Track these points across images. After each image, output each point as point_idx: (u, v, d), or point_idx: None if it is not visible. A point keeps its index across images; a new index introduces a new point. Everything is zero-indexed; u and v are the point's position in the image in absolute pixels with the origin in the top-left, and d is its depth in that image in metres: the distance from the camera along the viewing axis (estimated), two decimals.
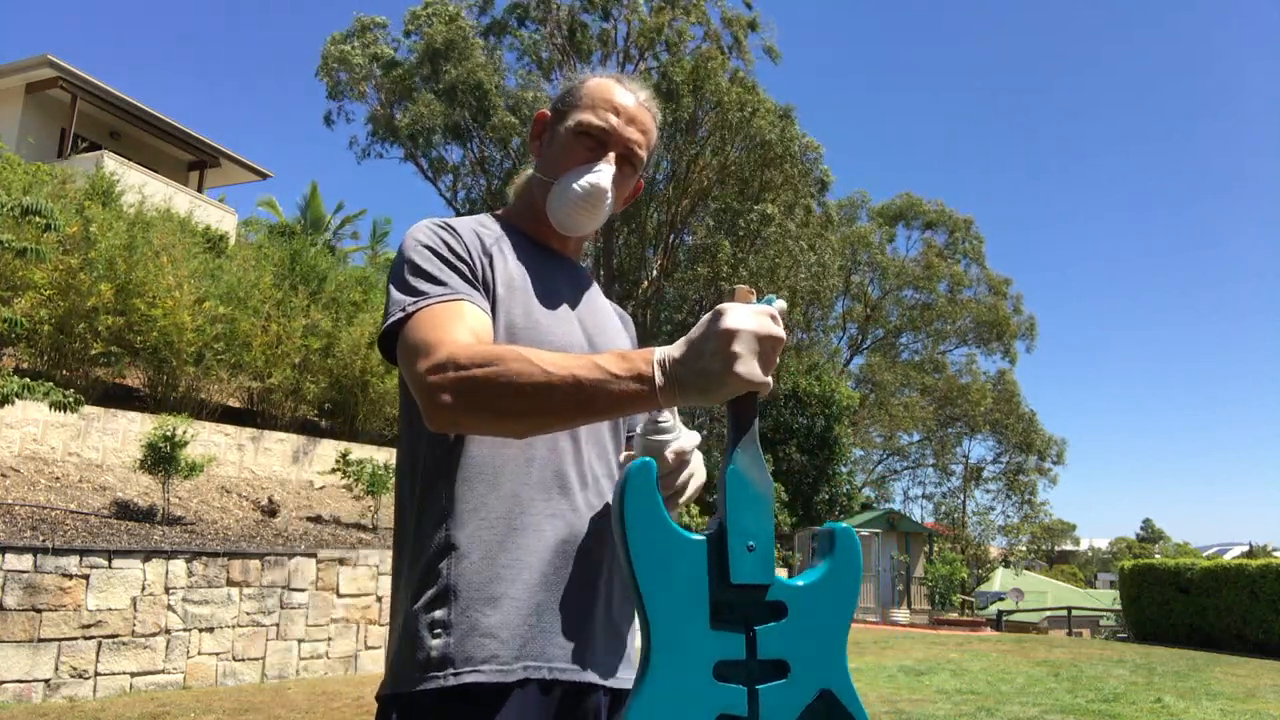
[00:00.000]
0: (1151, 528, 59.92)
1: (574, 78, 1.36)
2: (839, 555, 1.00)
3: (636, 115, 1.31)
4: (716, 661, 0.92)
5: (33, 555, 5.83)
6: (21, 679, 5.65)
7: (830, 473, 25.70)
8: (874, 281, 35.01)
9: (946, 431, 37.22)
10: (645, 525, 0.93)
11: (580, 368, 0.98)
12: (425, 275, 1.17)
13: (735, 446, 0.98)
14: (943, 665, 9.93)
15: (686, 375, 0.96)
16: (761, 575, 0.95)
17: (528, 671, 1.10)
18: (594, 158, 1.28)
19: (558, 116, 1.33)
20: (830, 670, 0.96)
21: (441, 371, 1.02)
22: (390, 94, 25.02)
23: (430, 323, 1.10)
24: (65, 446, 8.23)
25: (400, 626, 1.14)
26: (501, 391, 0.99)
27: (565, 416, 1.02)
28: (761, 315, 0.97)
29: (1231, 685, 8.73)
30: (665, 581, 0.92)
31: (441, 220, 1.26)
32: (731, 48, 25.15)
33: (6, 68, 17.31)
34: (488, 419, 1.03)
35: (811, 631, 0.96)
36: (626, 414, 1.01)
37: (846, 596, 1.00)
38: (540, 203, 1.32)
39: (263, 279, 10.97)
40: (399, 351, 1.13)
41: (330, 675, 7.34)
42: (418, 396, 1.06)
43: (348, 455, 9.97)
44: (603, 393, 0.97)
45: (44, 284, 8.66)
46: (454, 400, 1.01)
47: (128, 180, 14.56)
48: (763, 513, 0.97)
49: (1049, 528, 45.08)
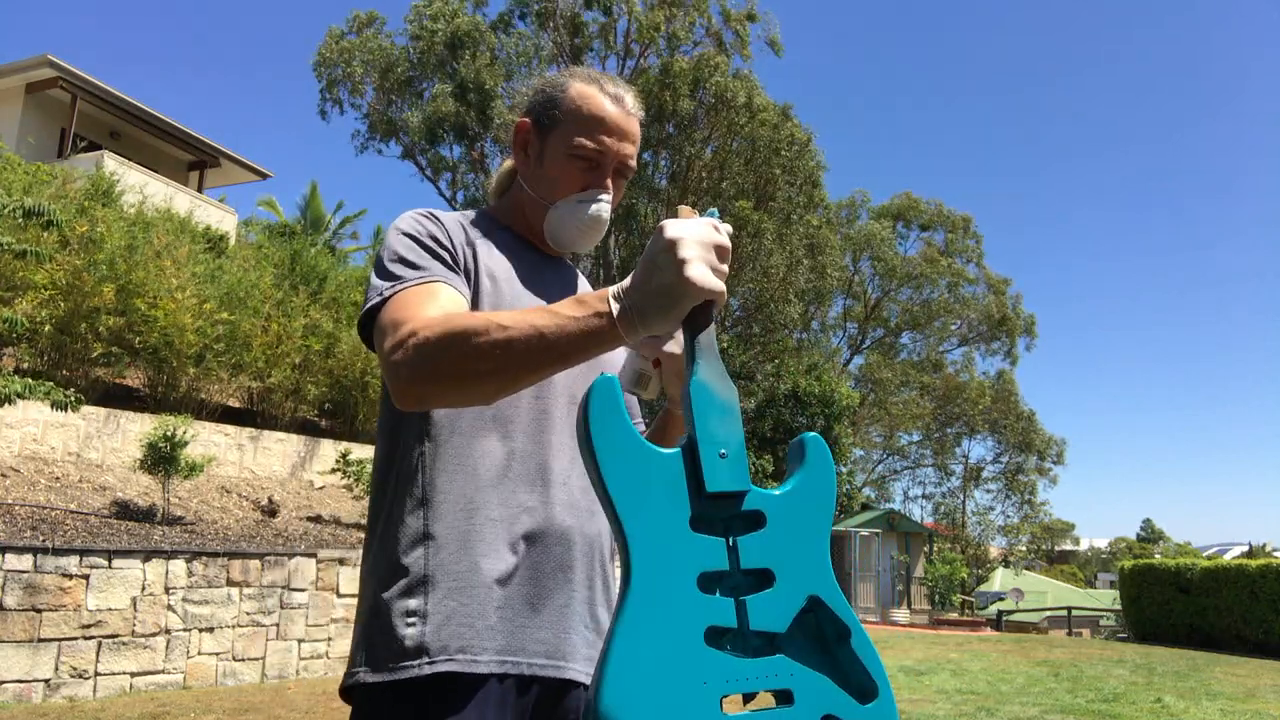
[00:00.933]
0: (1151, 528, 59.92)
1: (551, 82, 1.31)
2: (811, 463, 0.98)
3: (627, 127, 1.28)
4: (700, 573, 0.88)
5: (33, 555, 5.83)
6: (21, 679, 5.65)
7: None
8: (873, 281, 35.02)
9: (946, 431, 37.24)
10: (614, 439, 0.89)
11: (537, 316, 0.97)
12: (404, 261, 1.16)
13: (695, 359, 0.96)
14: (943, 665, 9.93)
15: (642, 298, 0.94)
16: (737, 482, 0.92)
17: (504, 666, 1.09)
18: (590, 181, 1.26)
19: (542, 128, 1.29)
20: (816, 577, 0.93)
21: (403, 345, 1.01)
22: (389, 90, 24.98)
23: (401, 304, 1.09)
24: (65, 446, 8.23)
25: (369, 614, 1.12)
26: (462, 353, 0.97)
27: (530, 368, 0.99)
28: (702, 224, 0.96)
29: (1231, 685, 8.74)
30: (640, 495, 0.89)
31: (427, 210, 1.25)
32: (733, 44, 25.12)
33: (6, 68, 17.31)
34: (452, 385, 1.00)
35: (793, 539, 0.94)
36: (592, 354, 0.99)
37: (823, 503, 0.98)
38: (528, 211, 1.31)
39: (263, 279, 10.97)
40: (374, 335, 1.11)
41: (330, 675, 7.34)
42: (386, 376, 1.05)
43: (348, 455, 9.97)
44: (563, 336, 0.95)
45: (45, 284, 8.66)
46: (415, 371, 0.99)
47: (128, 180, 14.56)
48: (731, 420, 0.95)
49: (1049, 528, 45.09)
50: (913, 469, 39.16)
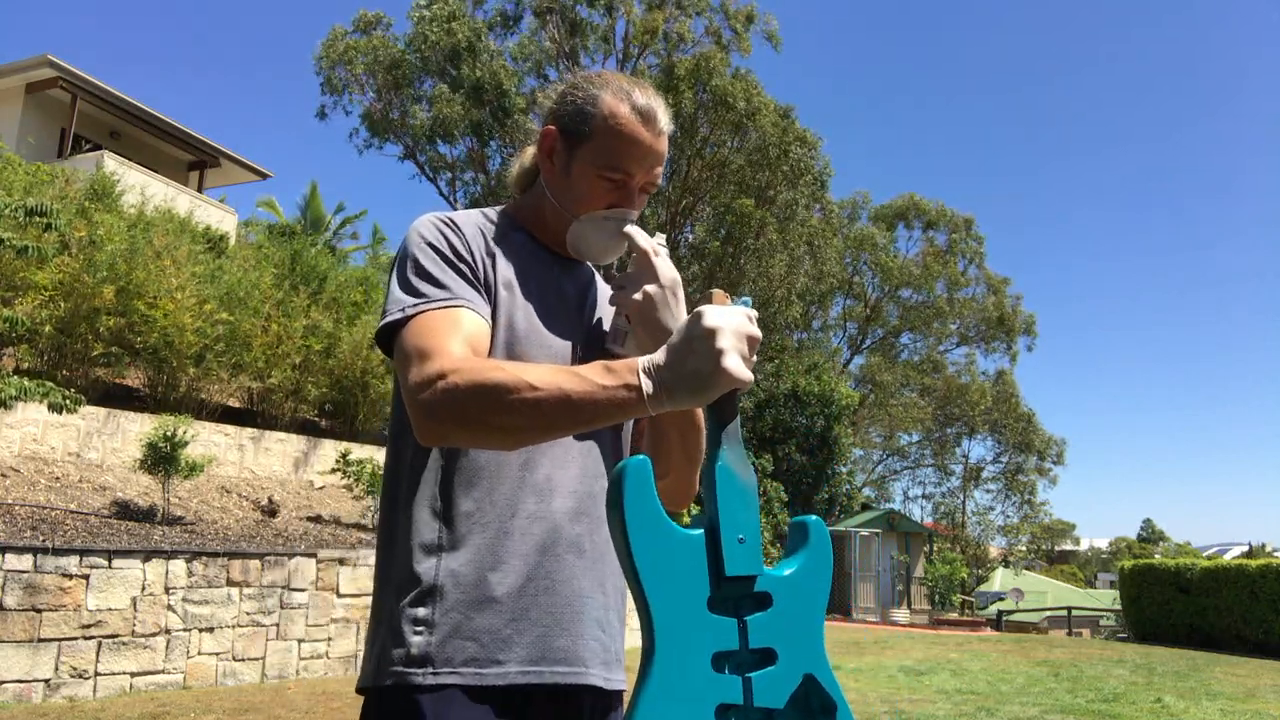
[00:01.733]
0: (1151, 528, 59.93)
1: (581, 90, 1.27)
2: (813, 546, 1.04)
3: (657, 149, 1.25)
4: (714, 652, 0.95)
5: (33, 555, 5.83)
6: (21, 679, 5.65)
7: (830, 473, 25.70)
8: (873, 281, 35.02)
9: (946, 431, 37.25)
10: (645, 521, 0.95)
11: (567, 381, 0.99)
12: (426, 276, 1.16)
13: (721, 444, 1.01)
14: (943, 665, 9.93)
15: (674, 379, 0.98)
16: (752, 566, 0.98)
17: (509, 678, 1.10)
18: (615, 199, 1.25)
19: (571, 139, 1.26)
20: (811, 655, 1.00)
21: (430, 386, 1.02)
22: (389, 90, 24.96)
23: (426, 330, 1.10)
24: (65, 446, 8.23)
25: (383, 621, 1.15)
26: (491, 408, 1.00)
27: (553, 430, 1.03)
28: (739, 314, 1.01)
29: (1231, 685, 8.74)
30: (666, 576, 0.95)
31: (446, 216, 1.25)
32: (731, 41, 25.09)
33: (6, 68, 17.31)
34: (477, 433, 1.04)
35: (794, 619, 1.00)
36: (615, 422, 1.02)
37: (822, 585, 1.04)
38: (550, 218, 1.30)
39: (263, 279, 10.97)
40: (395, 355, 1.13)
41: (330, 675, 7.34)
42: (409, 408, 1.06)
43: (348, 455, 9.97)
44: (590, 404, 0.99)
45: (46, 285, 8.66)
46: (441, 415, 1.02)
47: (128, 180, 14.56)
48: (750, 506, 1.00)
49: (1049, 528, 45.10)
50: (913, 469, 39.18)
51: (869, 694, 7.55)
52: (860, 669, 9.42)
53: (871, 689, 7.89)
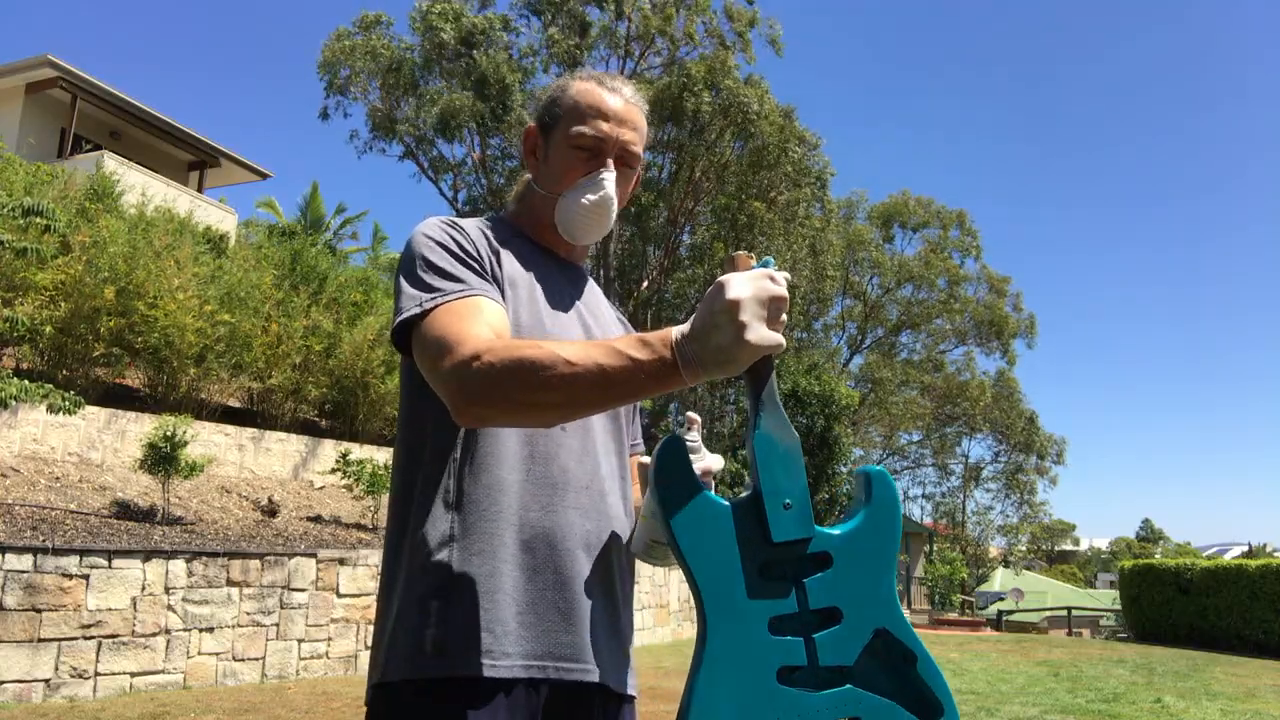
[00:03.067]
0: (1151, 528, 59.92)
1: (556, 86, 1.37)
2: (876, 499, 1.03)
3: (626, 115, 1.31)
4: (771, 617, 0.95)
5: (33, 555, 5.83)
6: (21, 679, 5.65)
7: (830, 472, 25.70)
8: (873, 280, 35.02)
9: (946, 431, 37.25)
10: (682, 496, 0.96)
11: (603, 355, 0.99)
12: (439, 271, 1.17)
13: (759, 410, 1.01)
14: (943, 665, 9.89)
15: (703, 352, 0.98)
16: (801, 530, 0.98)
17: (527, 671, 1.11)
18: (592, 167, 1.29)
19: (547, 129, 1.34)
20: (882, 610, 0.99)
21: (467, 368, 1.03)
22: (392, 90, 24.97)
23: (450, 319, 1.10)
24: (65, 446, 8.23)
25: (395, 615, 1.15)
26: (528, 384, 1.00)
27: (592, 404, 1.04)
28: (760, 279, 0.99)
29: (1231, 685, 8.74)
30: (710, 549, 0.95)
31: (449, 219, 1.26)
32: (734, 44, 25.12)
33: (6, 68, 17.31)
34: (516, 411, 1.04)
35: (858, 576, 0.99)
36: (651, 395, 1.02)
37: (888, 538, 1.02)
38: (542, 212, 1.34)
39: (263, 280, 10.97)
40: (417, 347, 1.13)
41: (330, 675, 7.34)
42: (444, 393, 1.06)
43: (348, 455, 9.96)
44: (627, 378, 0.99)
45: (47, 285, 8.66)
46: (479, 395, 1.02)
47: (128, 180, 14.56)
48: (794, 470, 1.00)
49: (1049, 527, 45.10)
50: (913, 469, 39.17)
51: None
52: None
53: None
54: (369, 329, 11.50)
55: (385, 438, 11.81)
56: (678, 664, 9.15)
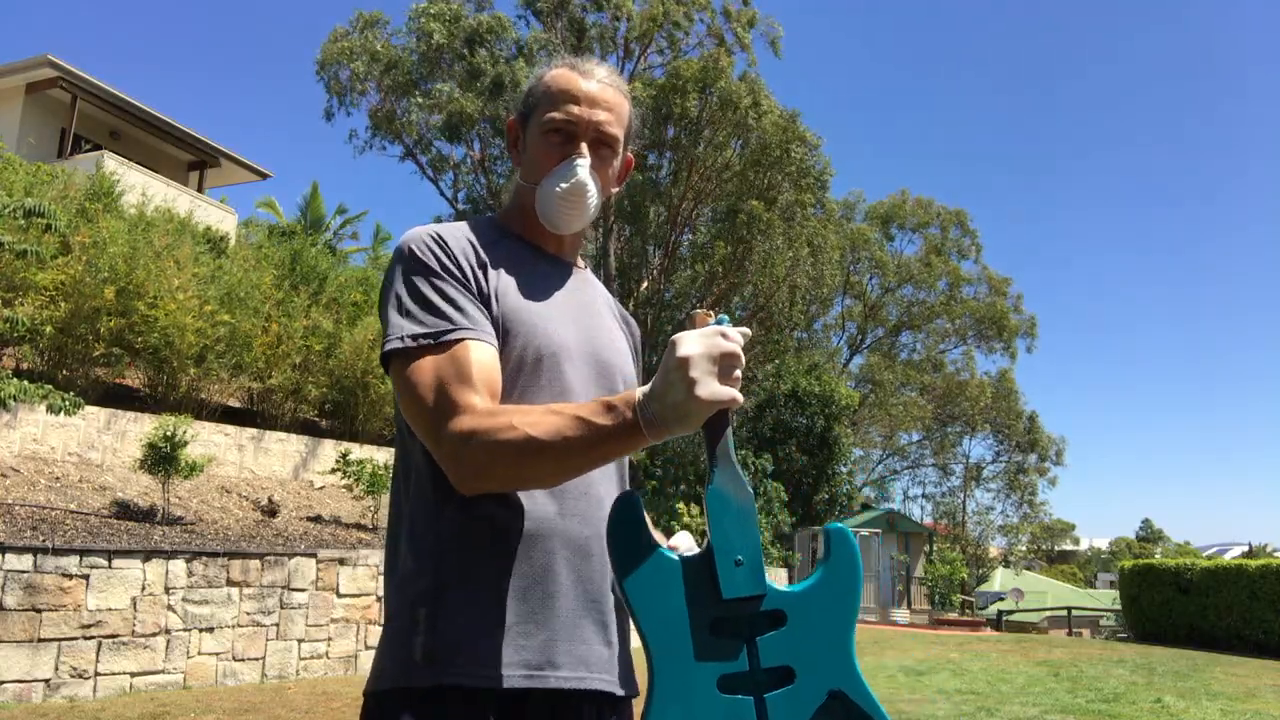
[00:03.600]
0: (1151, 528, 59.90)
1: (533, 75, 1.38)
2: (835, 556, 1.02)
3: (599, 96, 1.29)
4: (720, 675, 0.94)
5: (33, 555, 5.83)
6: (21, 679, 5.65)
7: (830, 473, 25.70)
8: (873, 280, 35.02)
9: (946, 431, 37.26)
10: (634, 552, 0.97)
11: (570, 428, 1.03)
12: (425, 303, 1.16)
13: (714, 466, 1.02)
14: (943, 665, 9.93)
15: (662, 410, 1.00)
16: (753, 587, 0.97)
17: (522, 681, 1.10)
18: (567, 152, 1.28)
19: (525, 119, 1.35)
20: (838, 671, 0.98)
21: (465, 445, 1.06)
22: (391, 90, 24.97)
23: (438, 375, 1.11)
24: (65, 446, 8.23)
25: (388, 621, 1.15)
26: (511, 466, 1.05)
27: (573, 471, 1.09)
28: (712, 336, 1.01)
29: (1231, 685, 8.74)
30: (660, 605, 0.95)
31: (434, 232, 1.24)
32: (734, 45, 25.11)
33: (6, 68, 17.31)
34: (505, 485, 1.11)
35: (813, 635, 0.98)
36: (625, 454, 1.09)
37: (847, 596, 1.01)
38: (529, 206, 1.32)
39: (263, 280, 10.97)
40: (404, 390, 1.14)
41: (330, 675, 7.35)
42: (441, 461, 1.10)
43: (348, 455, 9.97)
44: (596, 445, 1.03)
45: (48, 285, 8.66)
46: (475, 473, 1.06)
47: (128, 180, 14.56)
48: (746, 527, 0.99)
49: (1049, 527, 45.09)
50: (913, 469, 39.18)
51: None
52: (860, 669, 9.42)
53: (871, 689, 7.88)
54: (369, 329, 11.50)
55: (385, 438, 11.81)
56: None
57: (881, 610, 22.46)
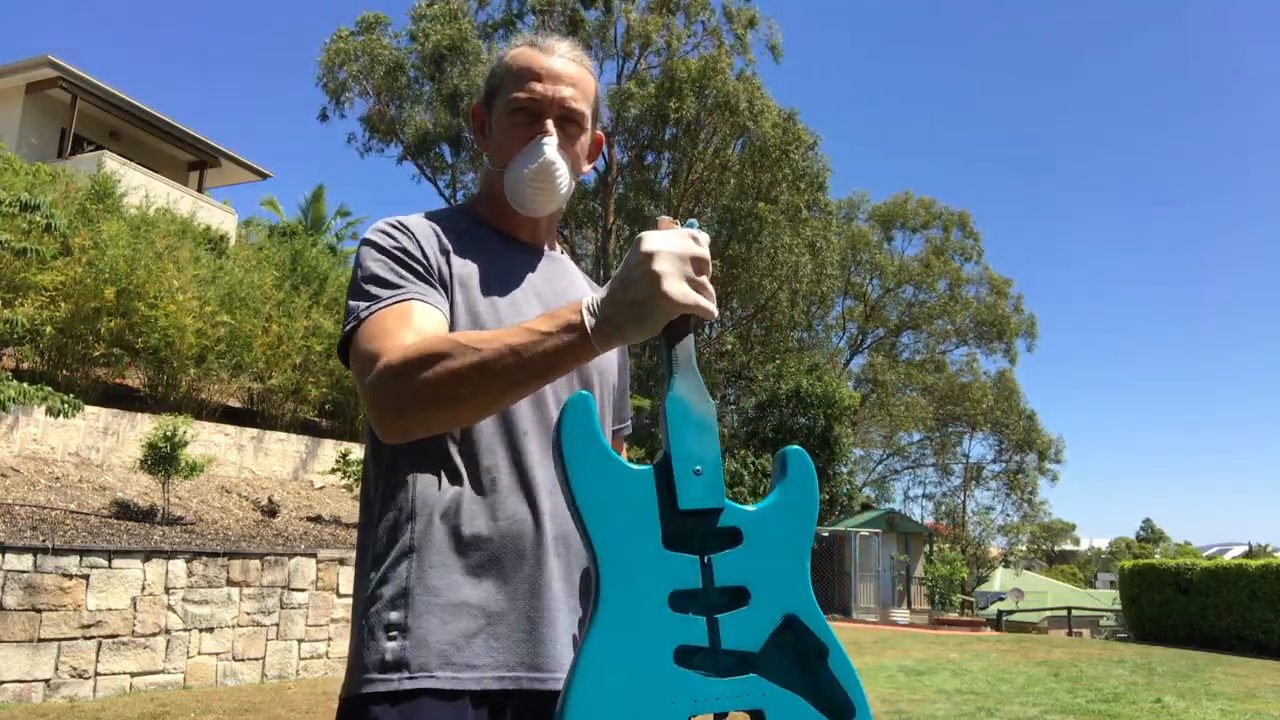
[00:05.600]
0: (1151, 528, 59.91)
1: (494, 58, 1.33)
2: (792, 478, 0.97)
3: (561, 72, 1.25)
4: (671, 591, 0.88)
5: (33, 555, 5.84)
6: (21, 679, 5.65)
7: (831, 472, 25.69)
8: (873, 281, 35.01)
9: (947, 431, 37.25)
10: (586, 455, 0.89)
11: (510, 335, 0.97)
12: (377, 279, 1.14)
13: (674, 373, 0.95)
14: (943, 665, 9.93)
15: (617, 310, 0.94)
16: (711, 499, 0.91)
17: (497, 683, 1.07)
18: (533, 132, 1.23)
19: (489, 102, 1.30)
20: (793, 595, 0.93)
21: (379, 381, 1.01)
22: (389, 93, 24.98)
23: (374, 331, 1.07)
24: (65, 446, 8.23)
25: (356, 626, 1.12)
26: (436, 379, 0.97)
27: (508, 388, 0.98)
28: (682, 235, 0.95)
29: (1231, 685, 8.74)
30: (611, 511, 0.88)
31: (395, 220, 1.22)
32: (734, 47, 25.10)
33: (6, 68, 17.32)
34: (433, 413, 1.00)
35: (770, 556, 0.93)
36: (569, 368, 0.98)
37: (804, 518, 0.96)
38: (498, 192, 1.27)
39: (264, 280, 10.96)
40: (351, 364, 1.11)
41: (330, 675, 7.35)
42: (369, 414, 1.05)
43: (348, 455, 9.97)
44: (538, 352, 0.95)
45: (48, 286, 8.66)
46: (390, 401, 1.00)
47: (129, 181, 14.56)
48: (707, 437, 0.93)
49: (1049, 527, 45.11)
50: (913, 469, 39.18)
51: (869, 694, 7.52)
52: (860, 669, 9.38)
53: (871, 689, 7.89)
54: None
55: None
56: None
57: (881, 610, 22.45)
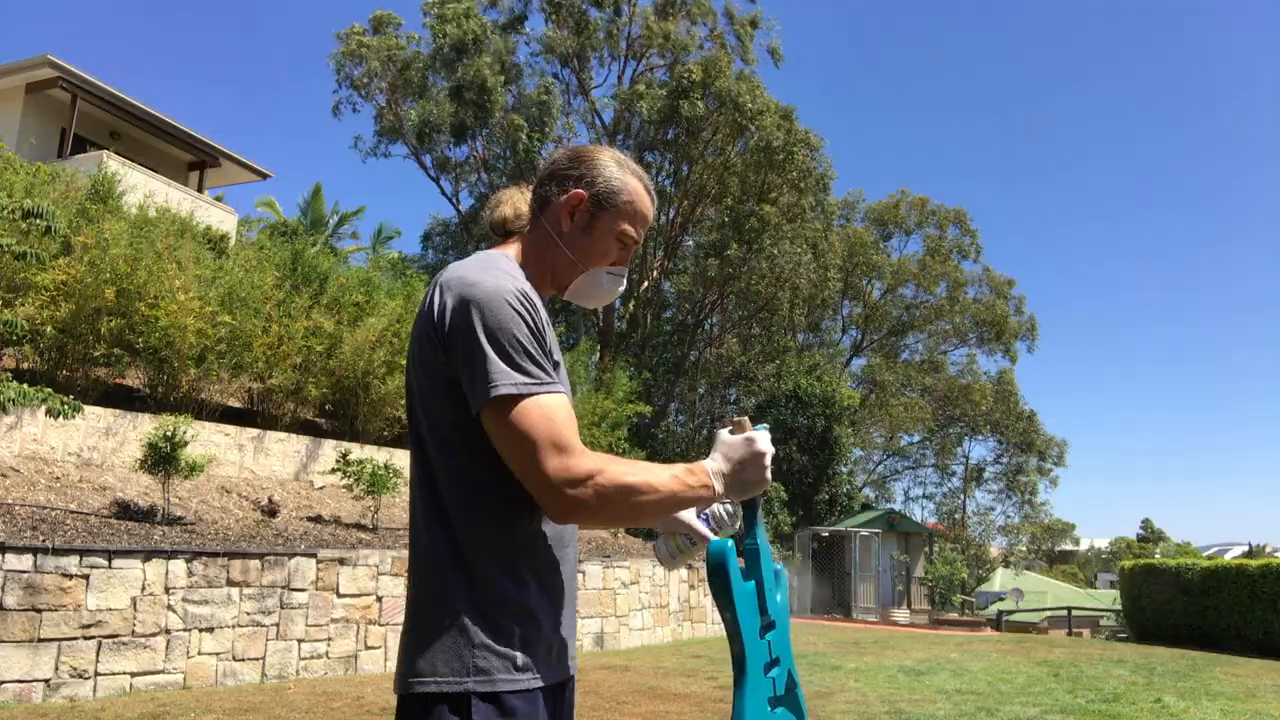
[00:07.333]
0: (1151, 528, 59.85)
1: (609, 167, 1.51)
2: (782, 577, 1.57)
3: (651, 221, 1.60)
4: (764, 662, 1.44)
5: (33, 555, 5.84)
6: (21, 679, 5.65)
7: (830, 473, 25.68)
8: (872, 282, 34.97)
9: (947, 432, 37.22)
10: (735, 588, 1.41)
11: (674, 484, 1.34)
12: (530, 357, 1.31)
13: (755, 525, 1.52)
14: (943, 665, 9.93)
15: (732, 483, 1.41)
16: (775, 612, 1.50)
17: (554, 677, 1.38)
18: (619, 260, 1.54)
19: (596, 204, 1.49)
20: (789, 658, 1.52)
21: (581, 486, 1.26)
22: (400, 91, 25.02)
23: (548, 418, 1.28)
24: (65, 446, 8.23)
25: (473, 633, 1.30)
26: (631, 506, 1.30)
27: (657, 517, 1.38)
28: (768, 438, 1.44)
29: (1231, 685, 8.74)
30: (748, 617, 1.42)
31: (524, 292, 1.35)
32: (735, 48, 25.11)
33: (6, 68, 17.32)
34: (609, 521, 1.34)
35: (783, 635, 1.51)
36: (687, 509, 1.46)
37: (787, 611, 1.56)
38: (559, 270, 1.51)
39: (264, 280, 10.96)
40: (506, 428, 1.27)
41: (330, 675, 7.35)
42: (547, 496, 1.27)
43: (348, 455, 9.96)
44: (685, 498, 1.35)
45: (48, 286, 8.65)
46: (591, 511, 1.27)
47: (129, 180, 14.55)
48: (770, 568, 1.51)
49: (1049, 527, 45.07)
50: (914, 469, 39.16)
51: (869, 694, 7.55)
52: (860, 669, 9.42)
53: (871, 689, 7.89)
54: (371, 330, 11.49)
55: (385, 438, 11.81)
56: (677, 664, 9.15)
57: (882, 610, 22.44)
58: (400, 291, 13.15)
